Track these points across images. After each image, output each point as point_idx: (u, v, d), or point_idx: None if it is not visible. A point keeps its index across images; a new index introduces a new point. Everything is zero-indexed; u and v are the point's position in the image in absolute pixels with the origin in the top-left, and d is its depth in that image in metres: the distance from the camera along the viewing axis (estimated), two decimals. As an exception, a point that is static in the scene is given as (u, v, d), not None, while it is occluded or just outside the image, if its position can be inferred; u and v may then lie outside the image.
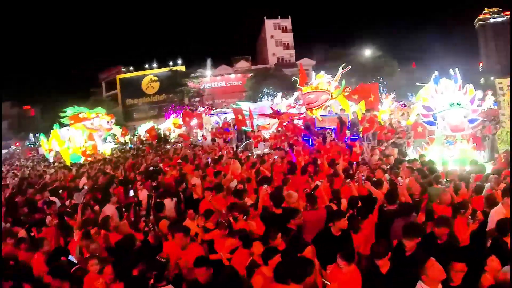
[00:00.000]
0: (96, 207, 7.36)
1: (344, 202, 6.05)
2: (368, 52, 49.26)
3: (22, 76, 78.59)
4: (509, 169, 6.91)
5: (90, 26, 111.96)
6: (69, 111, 23.60)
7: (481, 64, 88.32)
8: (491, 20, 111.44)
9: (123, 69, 60.04)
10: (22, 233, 6.57)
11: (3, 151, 43.11)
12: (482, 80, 54.63)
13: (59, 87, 50.97)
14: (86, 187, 9.84)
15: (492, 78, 39.17)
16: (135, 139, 30.97)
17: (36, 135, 43.70)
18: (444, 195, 5.73)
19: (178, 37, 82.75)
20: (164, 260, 4.26)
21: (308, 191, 6.31)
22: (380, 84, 41.90)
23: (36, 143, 41.62)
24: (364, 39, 55.33)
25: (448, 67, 9.94)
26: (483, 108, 14.85)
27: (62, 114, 23.93)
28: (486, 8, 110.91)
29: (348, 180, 6.84)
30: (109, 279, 4.18)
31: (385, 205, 5.70)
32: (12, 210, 8.18)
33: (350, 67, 15.37)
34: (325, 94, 14.13)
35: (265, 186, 6.25)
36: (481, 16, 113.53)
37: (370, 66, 46.38)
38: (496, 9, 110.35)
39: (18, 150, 45.59)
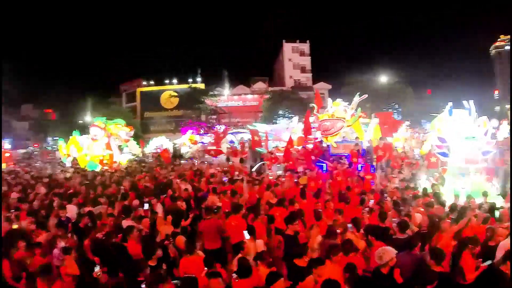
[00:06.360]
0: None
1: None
2: (383, 78, 49.37)
3: (46, 81, 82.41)
4: None
5: (116, 39, 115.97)
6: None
7: (496, 92, 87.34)
8: (506, 47, 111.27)
9: (144, 82, 61.71)
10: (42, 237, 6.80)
11: (22, 151, 44.35)
12: (497, 108, 53.96)
13: (81, 94, 52.67)
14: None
15: (507, 106, 38.43)
16: (147, 152, 31.76)
17: (54, 138, 44.74)
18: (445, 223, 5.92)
19: (198, 54, 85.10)
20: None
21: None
22: (395, 111, 41.94)
23: (54, 146, 42.51)
24: (381, 64, 55.26)
25: (464, 94, 10.08)
26: (498, 138, 14.61)
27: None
28: (501, 36, 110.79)
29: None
30: None
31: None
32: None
33: (366, 95, 15.46)
34: (341, 121, 14.36)
35: None
36: (497, 44, 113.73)
37: (385, 92, 46.39)
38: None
39: (36, 152, 46.68)
